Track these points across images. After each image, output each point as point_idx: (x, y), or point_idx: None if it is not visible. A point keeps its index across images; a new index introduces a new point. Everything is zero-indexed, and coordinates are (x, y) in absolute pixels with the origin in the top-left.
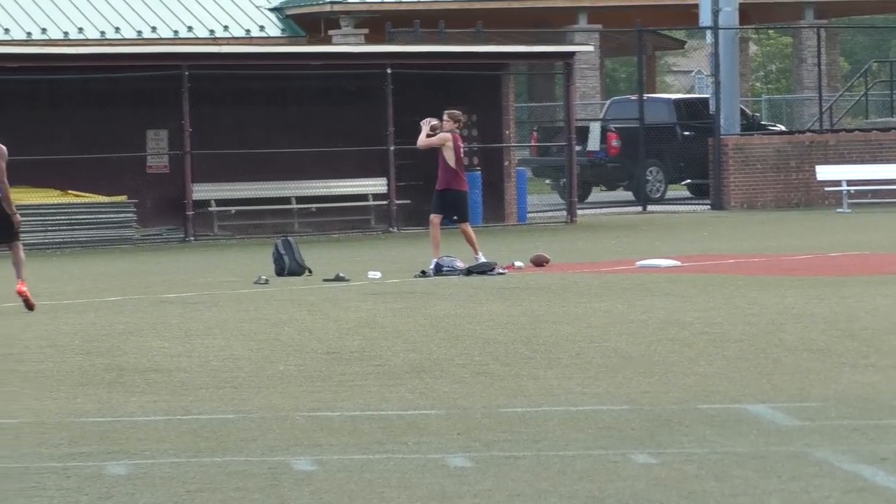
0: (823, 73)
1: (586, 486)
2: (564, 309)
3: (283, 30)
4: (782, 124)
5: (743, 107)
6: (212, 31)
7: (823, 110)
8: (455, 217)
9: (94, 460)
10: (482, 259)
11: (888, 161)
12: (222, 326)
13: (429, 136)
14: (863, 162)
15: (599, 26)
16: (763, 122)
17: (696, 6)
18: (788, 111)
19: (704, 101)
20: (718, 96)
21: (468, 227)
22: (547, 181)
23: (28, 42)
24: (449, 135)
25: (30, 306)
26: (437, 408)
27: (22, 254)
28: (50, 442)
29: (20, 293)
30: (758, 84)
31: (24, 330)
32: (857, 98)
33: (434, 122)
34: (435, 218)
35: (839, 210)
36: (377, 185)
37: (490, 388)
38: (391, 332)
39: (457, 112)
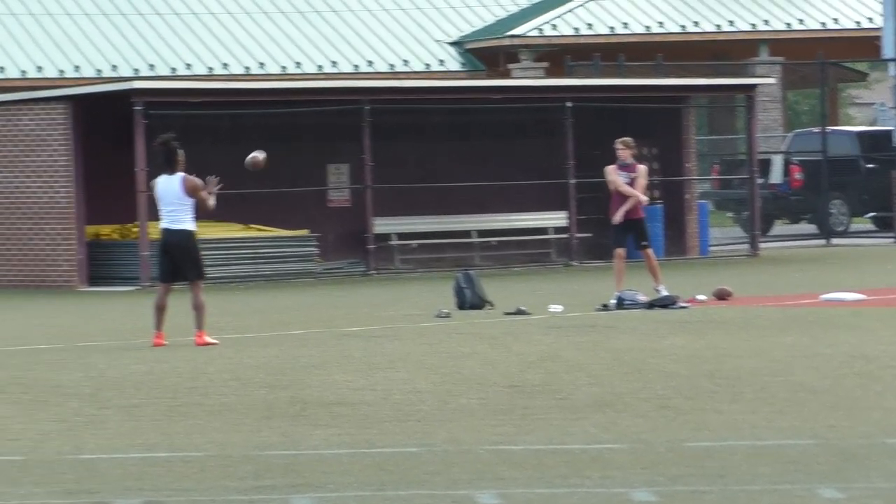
0: None
1: None
2: (748, 342)
3: (462, 64)
4: None
5: None
6: (392, 66)
7: None
8: (643, 243)
9: (280, 493)
10: (663, 291)
11: None
12: (405, 359)
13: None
14: None
15: (781, 58)
16: None
17: (878, 38)
18: None
19: (888, 134)
20: None
21: (652, 254)
22: (729, 214)
23: (210, 77)
24: (644, 167)
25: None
26: (621, 442)
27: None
28: (235, 475)
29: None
30: None
31: (209, 363)
32: None
33: None
34: (620, 251)
35: None
36: (557, 218)
37: (674, 423)
38: (573, 366)
39: (628, 139)
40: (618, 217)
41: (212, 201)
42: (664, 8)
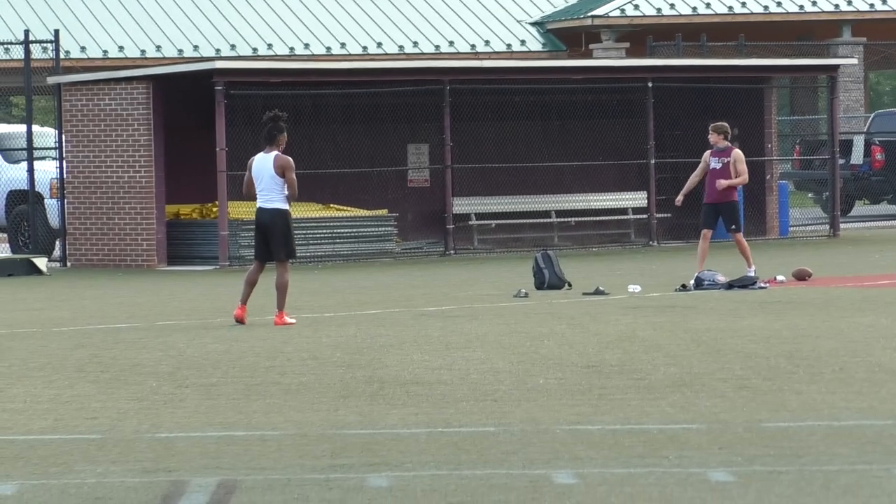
0: None
1: (850, 500)
2: (827, 323)
3: (543, 44)
4: None
5: None
6: (473, 46)
7: None
8: (733, 227)
9: (356, 472)
10: (752, 273)
11: None
12: (482, 339)
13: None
14: None
15: (864, 39)
16: None
17: None
18: None
19: None
20: None
21: (742, 238)
22: (809, 195)
23: (291, 57)
24: (738, 152)
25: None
26: (699, 422)
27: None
28: (312, 454)
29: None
30: None
31: (287, 343)
32: None
33: None
34: (706, 232)
35: None
36: (637, 198)
37: (752, 403)
38: (651, 346)
39: (719, 124)
40: (679, 199)
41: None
42: None
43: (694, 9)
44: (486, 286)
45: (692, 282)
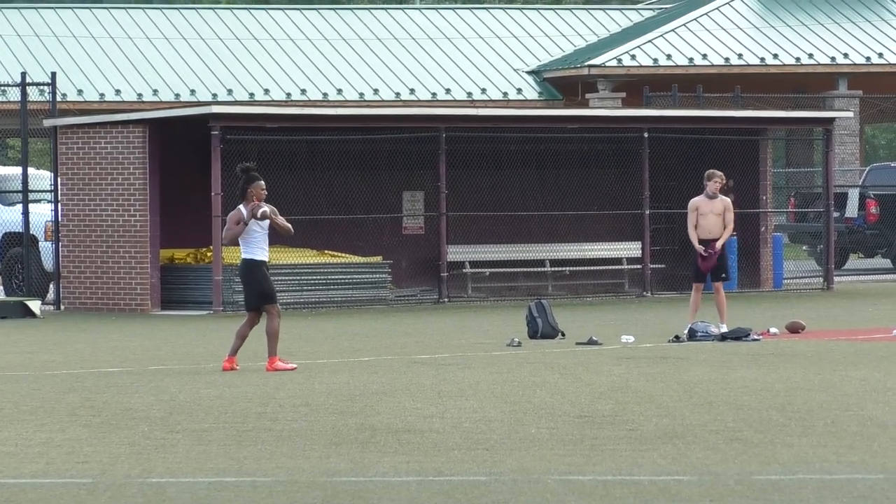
0: None
1: None
2: (819, 376)
3: (539, 93)
4: None
5: None
6: (469, 94)
7: None
8: (723, 275)
9: None
10: (724, 329)
11: None
12: (475, 388)
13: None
14: None
15: (859, 92)
16: None
17: None
18: None
19: None
20: None
21: (722, 289)
22: (804, 247)
23: (288, 103)
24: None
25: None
26: (690, 474)
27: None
28: (303, 501)
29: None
30: None
31: (279, 389)
32: None
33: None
34: (699, 284)
35: None
36: (631, 248)
37: (743, 455)
38: (644, 397)
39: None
40: (700, 247)
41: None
42: (744, 40)
43: (690, 60)
44: (479, 334)
45: (685, 333)
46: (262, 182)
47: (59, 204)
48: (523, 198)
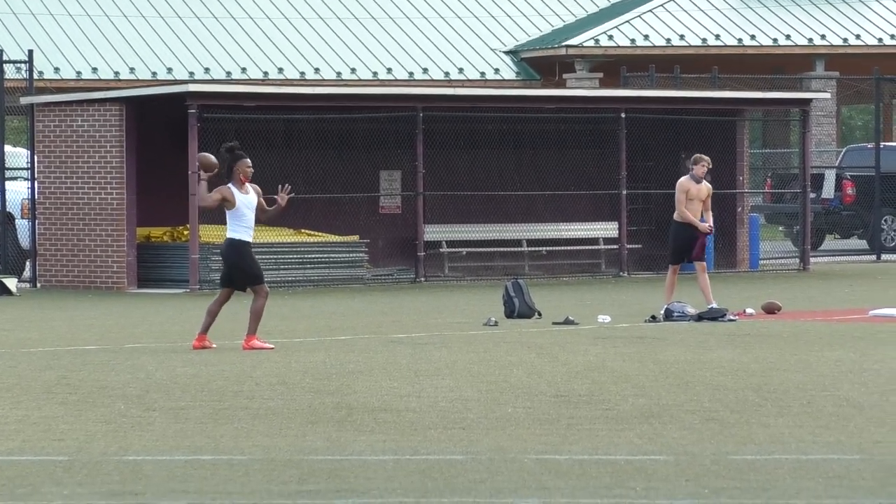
0: None
1: None
2: (795, 357)
3: (517, 73)
4: None
5: None
6: (447, 73)
7: None
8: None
9: (323, 498)
10: (714, 306)
11: None
12: (451, 367)
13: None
14: None
15: (836, 73)
16: None
17: None
18: None
19: None
20: None
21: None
22: (780, 228)
23: (265, 81)
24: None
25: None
26: (666, 454)
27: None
28: (279, 479)
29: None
30: None
31: (255, 367)
32: None
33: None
34: (677, 265)
35: None
36: (608, 229)
37: (719, 435)
38: (620, 377)
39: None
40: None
41: (274, 205)
42: (721, 20)
43: (668, 40)
44: (455, 314)
45: (661, 313)
46: (248, 160)
47: (36, 181)
48: (500, 178)
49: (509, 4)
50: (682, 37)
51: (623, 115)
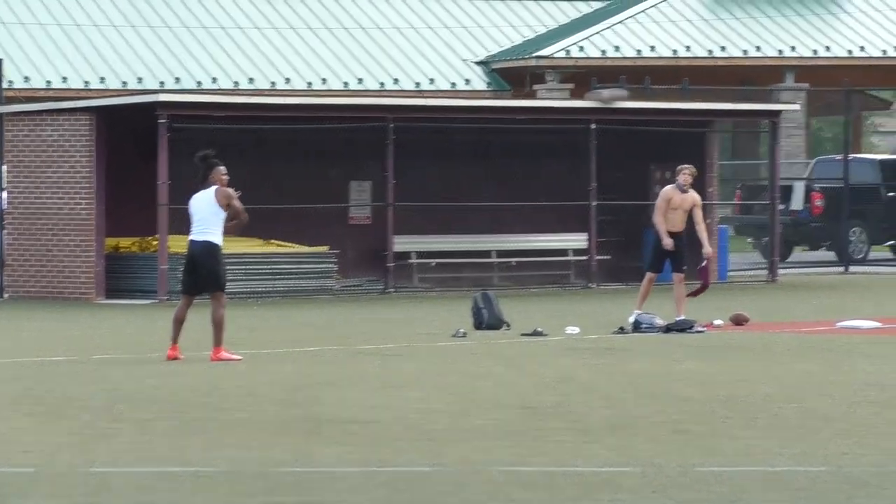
0: None
1: None
2: (763, 369)
3: (488, 84)
4: None
5: None
6: (417, 84)
7: None
8: (685, 268)
9: None
10: (682, 317)
11: None
12: (420, 379)
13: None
14: None
15: (806, 85)
16: None
17: None
18: None
19: None
20: None
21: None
22: (749, 240)
23: (235, 91)
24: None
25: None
26: (633, 465)
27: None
28: (247, 491)
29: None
30: None
31: (223, 379)
32: None
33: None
34: (652, 274)
35: None
36: (577, 240)
37: (686, 447)
38: (588, 388)
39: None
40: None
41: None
42: (692, 32)
43: (639, 52)
44: (424, 325)
45: (630, 323)
46: (223, 167)
47: (4, 192)
48: (470, 189)
49: (480, 15)
50: (652, 48)
51: (593, 127)
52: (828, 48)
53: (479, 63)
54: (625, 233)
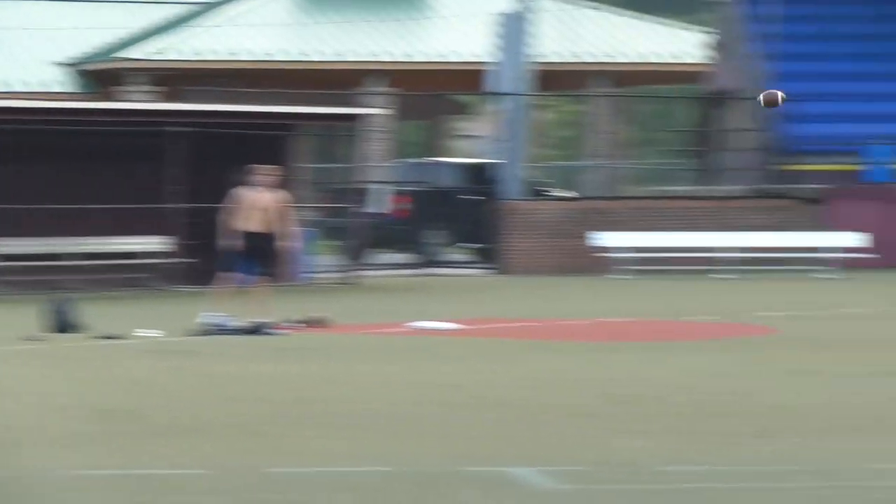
0: (605, 141)
1: None
2: (339, 370)
3: (83, 85)
4: (574, 190)
5: (535, 172)
6: (8, 84)
7: (605, 177)
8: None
9: None
10: (263, 321)
11: (666, 229)
12: None
13: None
14: (641, 229)
15: (393, 89)
16: (540, 189)
17: (488, 72)
18: (574, 178)
19: (490, 166)
20: (500, 161)
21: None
22: (333, 242)
23: None
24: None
25: None
26: (199, 467)
27: None
28: None
29: None
30: (551, 151)
31: None
32: (638, 166)
33: None
34: (232, 275)
35: (616, 277)
36: (158, 242)
37: (256, 449)
38: (162, 391)
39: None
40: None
41: None
42: (283, 35)
43: (233, 53)
44: (1, 328)
45: (206, 324)
46: None
47: None
48: (49, 191)
49: (69, 17)
50: (244, 51)
51: (170, 130)
52: (417, 53)
53: (68, 65)
54: (207, 235)
